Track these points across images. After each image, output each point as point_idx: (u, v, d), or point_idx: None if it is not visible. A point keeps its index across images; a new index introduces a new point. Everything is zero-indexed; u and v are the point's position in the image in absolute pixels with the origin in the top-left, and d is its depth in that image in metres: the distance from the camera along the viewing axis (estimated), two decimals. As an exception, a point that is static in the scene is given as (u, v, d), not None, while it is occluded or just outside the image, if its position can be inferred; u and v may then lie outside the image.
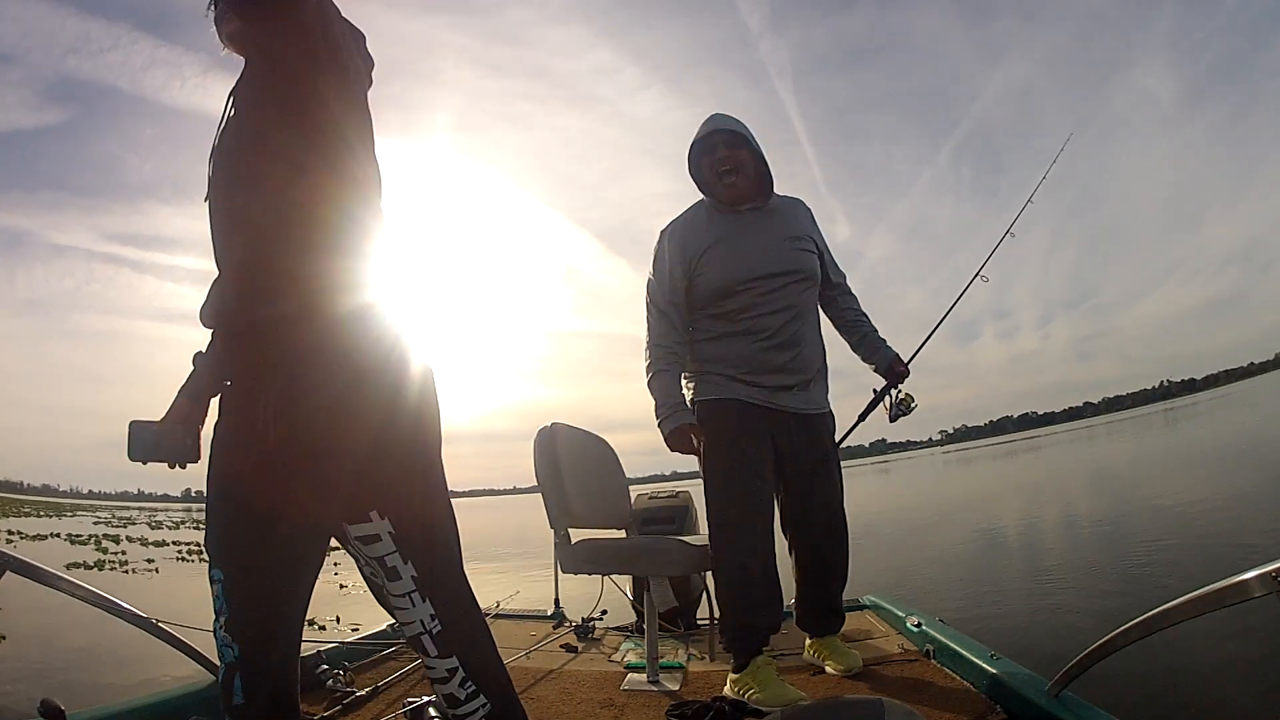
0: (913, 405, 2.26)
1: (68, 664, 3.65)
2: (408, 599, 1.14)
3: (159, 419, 1.11)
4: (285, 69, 1.03)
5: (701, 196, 2.15)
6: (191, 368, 1.12)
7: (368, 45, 1.20)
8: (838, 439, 2.19)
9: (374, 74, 1.18)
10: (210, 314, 1.08)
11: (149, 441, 1.09)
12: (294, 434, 1.00)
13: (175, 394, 1.13)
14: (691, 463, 2.08)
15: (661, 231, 2.16)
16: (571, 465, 2.26)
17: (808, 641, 2.24)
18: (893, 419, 2.27)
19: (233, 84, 1.11)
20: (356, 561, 1.18)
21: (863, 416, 2.31)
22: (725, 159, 2.04)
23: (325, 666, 2.11)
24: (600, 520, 2.44)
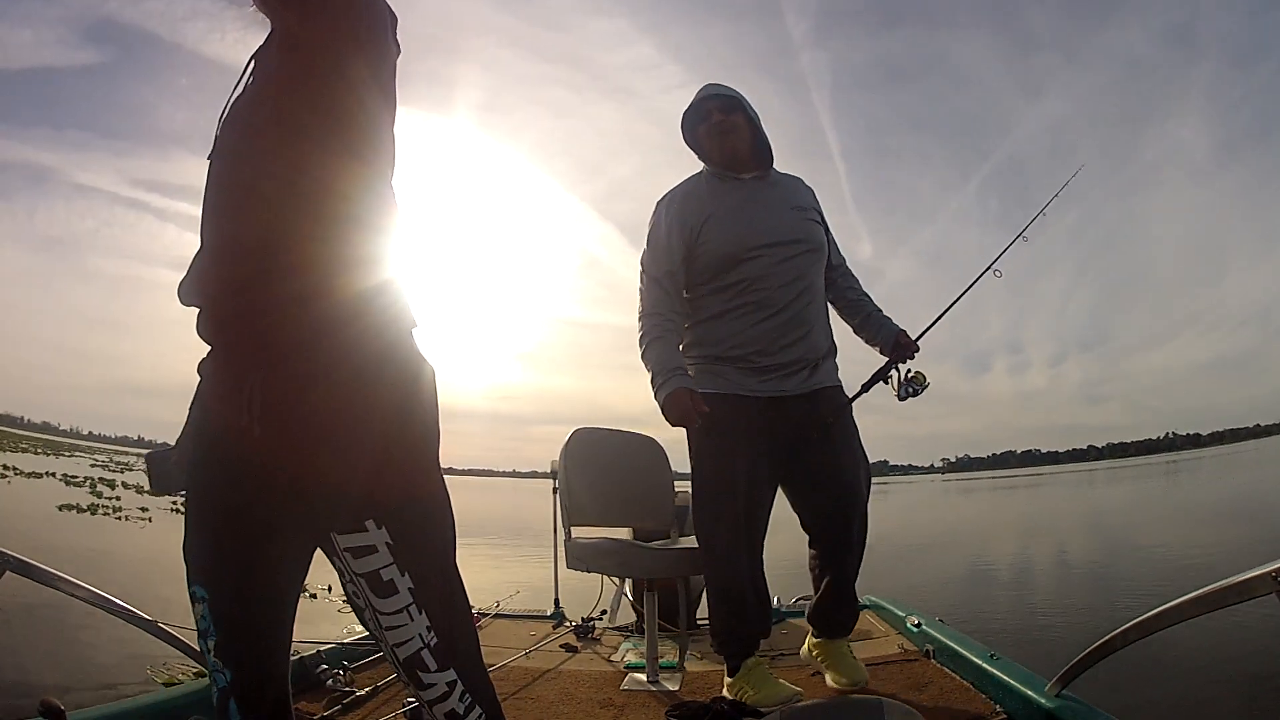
0: (925, 383, 2.08)
1: (68, 664, 3.65)
2: (404, 614, 1.02)
3: (174, 443, 1.01)
4: (320, 47, 0.94)
5: (702, 166, 2.08)
6: (198, 377, 1.01)
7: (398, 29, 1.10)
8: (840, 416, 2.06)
9: (403, 54, 1.09)
10: (196, 291, 0.94)
11: (169, 471, 1.00)
12: (298, 427, 0.90)
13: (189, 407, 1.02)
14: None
15: (658, 202, 2.07)
16: (600, 467, 2.29)
17: (811, 639, 2.12)
18: (902, 398, 2.10)
19: (260, 43, 1.01)
20: (341, 577, 1.05)
21: (866, 387, 2.10)
22: (720, 123, 1.99)
23: (325, 666, 2.11)
24: (626, 520, 2.47)
